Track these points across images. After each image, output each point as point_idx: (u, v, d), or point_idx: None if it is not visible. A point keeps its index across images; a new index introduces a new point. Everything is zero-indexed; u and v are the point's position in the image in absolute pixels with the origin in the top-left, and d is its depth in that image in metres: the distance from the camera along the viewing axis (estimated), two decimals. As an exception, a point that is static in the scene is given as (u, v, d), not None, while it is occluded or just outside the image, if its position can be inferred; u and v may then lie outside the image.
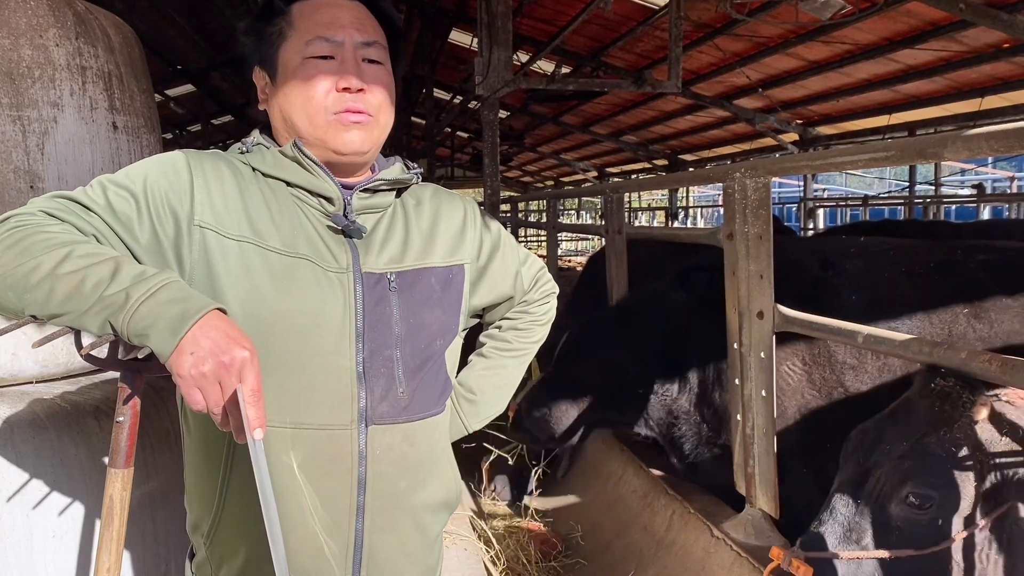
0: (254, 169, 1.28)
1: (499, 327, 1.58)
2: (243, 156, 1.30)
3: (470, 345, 1.54)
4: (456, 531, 3.32)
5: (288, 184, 1.28)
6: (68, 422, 2.05)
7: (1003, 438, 1.71)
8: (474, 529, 3.57)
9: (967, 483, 1.69)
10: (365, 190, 1.31)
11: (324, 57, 1.27)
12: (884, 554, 1.72)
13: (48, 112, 2.22)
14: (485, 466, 4.06)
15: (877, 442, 1.84)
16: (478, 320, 1.57)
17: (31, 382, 2.25)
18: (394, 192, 1.37)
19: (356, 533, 1.25)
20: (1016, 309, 2.65)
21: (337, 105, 1.26)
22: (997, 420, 1.73)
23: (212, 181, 1.23)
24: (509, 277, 1.51)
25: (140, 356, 1.31)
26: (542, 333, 1.62)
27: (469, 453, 4.88)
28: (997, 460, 1.69)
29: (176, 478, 1.37)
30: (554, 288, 1.65)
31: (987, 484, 1.70)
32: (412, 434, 1.29)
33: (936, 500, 1.69)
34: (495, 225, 1.52)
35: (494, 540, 3.53)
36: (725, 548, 2.73)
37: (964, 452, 1.70)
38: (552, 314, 1.64)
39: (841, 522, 1.80)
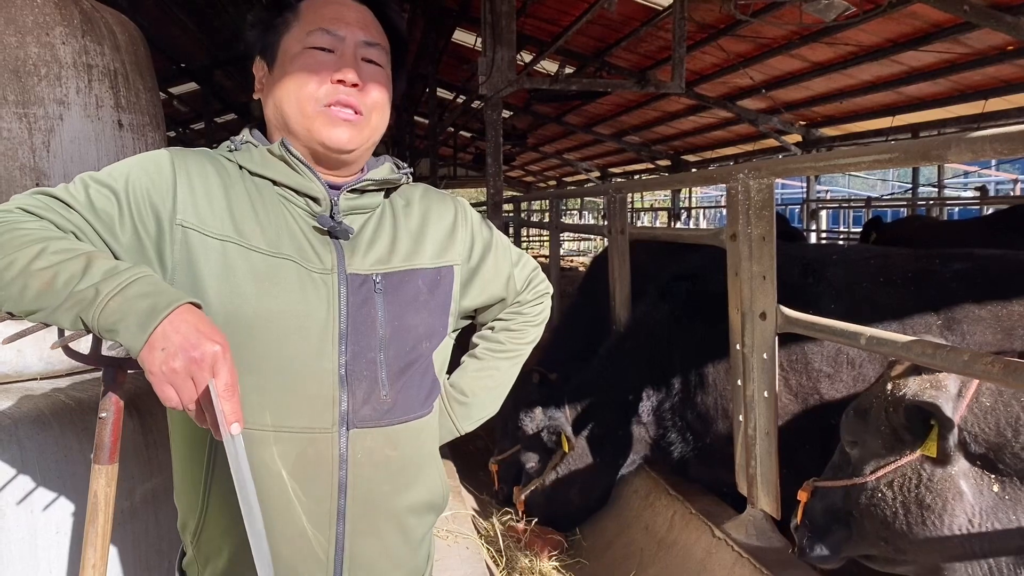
0: (241, 167, 1.27)
1: (492, 328, 1.56)
2: (231, 154, 1.29)
3: (463, 345, 1.53)
4: (458, 530, 3.32)
5: (274, 183, 1.26)
6: (72, 419, 2.05)
7: (911, 391, 1.96)
8: (476, 528, 3.57)
9: (879, 428, 2.04)
10: (352, 190, 1.29)
11: (324, 50, 1.26)
12: (831, 483, 2.19)
13: (54, 110, 2.22)
14: (492, 465, 4.06)
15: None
16: (470, 321, 1.55)
17: (35, 379, 2.25)
18: (383, 192, 1.36)
19: (337, 537, 1.23)
20: (988, 320, 2.68)
21: (329, 96, 1.25)
22: (917, 376, 2.00)
23: (196, 180, 1.21)
24: (501, 278, 1.49)
25: (120, 352, 1.30)
26: (536, 334, 1.60)
27: (473, 452, 4.89)
28: (905, 415, 1.96)
29: (179, 475, 1.38)
30: (548, 288, 1.63)
31: (897, 433, 2.00)
32: (395, 438, 1.27)
33: (859, 441, 2.12)
34: (488, 226, 1.50)
35: (499, 538, 3.54)
36: (726, 548, 2.73)
37: (878, 401, 2.05)
38: (546, 315, 1.63)
39: (832, 462, 2.29)
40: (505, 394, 1.59)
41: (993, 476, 1.89)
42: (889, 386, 2.04)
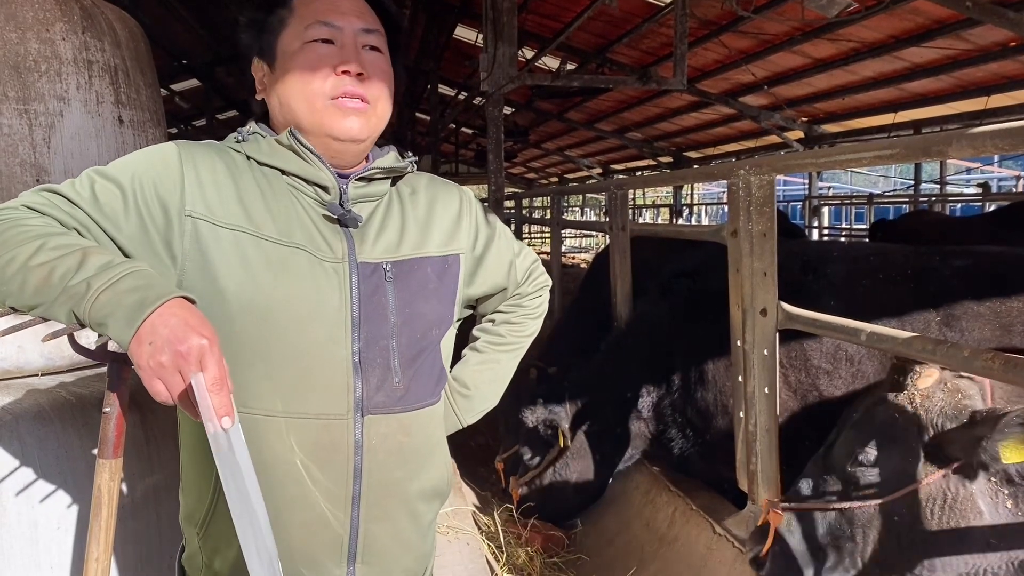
0: (248, 158, 1.28)
1: (492, 320, 1.59)
2: (238, 145, 1.30)
3: (462, 338, 1.54)
4: (459, 526, 3.33)
5: (283, 172, 1.27)
6: (73, 414, 2.05)
7: (944, 403, 1.88)
8: (476, 524, 3.57)
9: (909, 444, 1.91)
10: (361, 179, 1.30)
11: (325, 42, 1.26)
12: (838, 505, 2.01)
13: (54, 106, 2.23)
14: (498, 463, 4.06)
15: (849, 414, 2.15)
16: (471, 311, 1.57)
17: (36, 374, 2.26)
18: (389, 181, 1.37)
19: (352, 522, 1.25)
20: (987, 317, 2.69)
21: (335, 89, 1.25)
22: (941, 387, 1.90)
23: (204, 171, 1.22)
24: (504, 268, 1.51)
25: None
26: (535, 327, 1.62)
27: (474, 448, 4.89)
28: (938, 423, 1.88)
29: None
30: (547, 281, 1.65)
31: (929, 445, 1.89)
32: (408, 424, 1.29)
33: (880, 458, 1.95)
34: (491, 215, 1.52)
35: (500, 534, 3.54)
36: (727, 545, 2.73)
37: (905, 415, 1.93)
38: (545, 307, 1.64)
39: (812, 480, 2.10)
40: (505, 386, 1.61)
41: (1007, 492, 1.83)
42: (919, 399, 1.93)
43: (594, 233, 21.66)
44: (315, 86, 1.25)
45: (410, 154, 1.41)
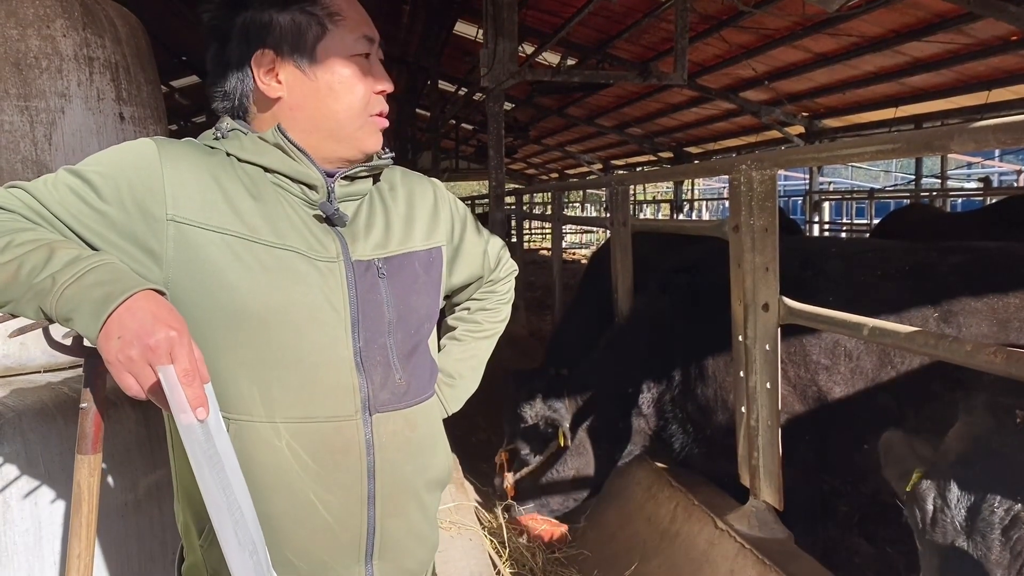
0: (229, 154, 1.24)
1: (468, 309, 1.62)
2: (218, 142, 1.25)
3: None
4: (461, 521, 3.33)
5: (266, 170, 1.24)
6: (75, 411, 2.05)
7: None
8: (479, 520, 3.58)
9: None
10: (346, 177, 1.29)
11: (365, 56, 1.28)
12: None
13: (55, 102, 2.23)
14: (503, 455, 4.05)
15: (970, 503, 1.49)
16: (445, 301, 1.59)
17: (39, 371, 2.26)
18: (371, 178, 1.36)
19: (368, 521, 1.26)
20: (984, 313, 2.69)
21: (374, 107, 1.28)
22: None
23: (186, 171, 1.17)
24: (479, 255, 1.54)
25: None
26: (507, 312, 1.67)
27: (476, 444, 4.90)
28: None
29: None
30: (514, 266, 1.68)
31: None
32: (413, 419, 1.30)
33: None
34: (460, 203, 1.54)
35: (502, 529, 3.55)
36: (729, 540, 2.73)
37: None
38: (512, 293, 1.68)
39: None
40: (483, 370, 1.64)
41: None
42: None
43: (594, 229, 21.66)
44: (361, 102, 1.26)
45: (387, 149, 1.38)
